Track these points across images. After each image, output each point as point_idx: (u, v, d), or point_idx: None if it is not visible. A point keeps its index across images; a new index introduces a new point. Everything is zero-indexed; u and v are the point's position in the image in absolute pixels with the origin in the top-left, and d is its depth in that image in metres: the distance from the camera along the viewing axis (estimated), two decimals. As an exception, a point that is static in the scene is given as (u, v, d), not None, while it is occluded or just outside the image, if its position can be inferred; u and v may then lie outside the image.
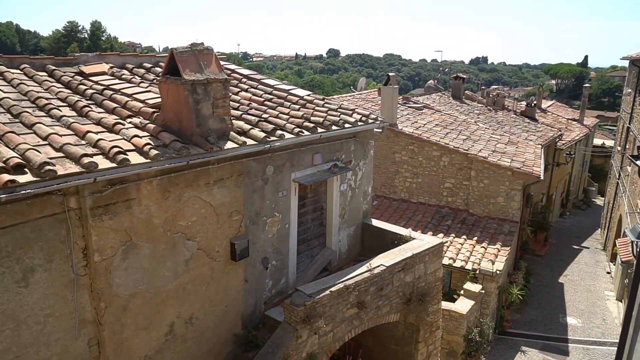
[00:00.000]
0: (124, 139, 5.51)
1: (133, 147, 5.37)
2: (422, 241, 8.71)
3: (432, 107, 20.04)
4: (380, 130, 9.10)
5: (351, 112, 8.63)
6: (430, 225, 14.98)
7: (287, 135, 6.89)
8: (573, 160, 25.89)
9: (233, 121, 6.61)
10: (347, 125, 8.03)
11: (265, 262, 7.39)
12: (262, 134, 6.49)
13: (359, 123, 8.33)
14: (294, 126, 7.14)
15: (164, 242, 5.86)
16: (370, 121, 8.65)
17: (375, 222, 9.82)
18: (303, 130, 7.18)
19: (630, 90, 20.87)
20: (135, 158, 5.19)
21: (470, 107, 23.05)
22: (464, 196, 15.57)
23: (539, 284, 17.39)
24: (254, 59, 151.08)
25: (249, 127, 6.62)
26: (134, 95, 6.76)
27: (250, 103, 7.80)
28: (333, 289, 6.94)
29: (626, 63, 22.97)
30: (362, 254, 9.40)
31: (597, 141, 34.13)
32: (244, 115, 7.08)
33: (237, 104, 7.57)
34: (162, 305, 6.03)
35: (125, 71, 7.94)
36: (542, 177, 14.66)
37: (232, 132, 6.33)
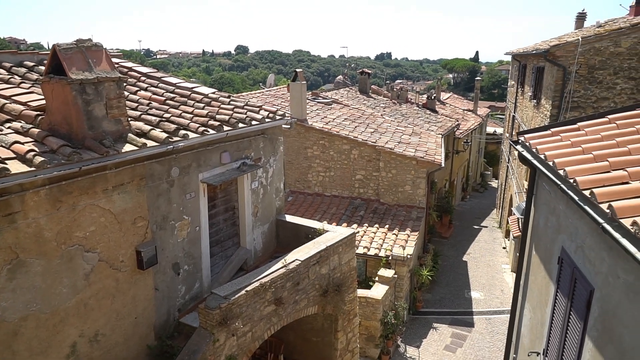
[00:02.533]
0: (1, 145, 4.95)
1: (14, 155, 4.84)
2: (335, 233, 8.92)
3: (341, 102, 20.57)
4: (289, 126, 9.13)
5: (258, 109, 8.56)
6: (344, 216, 15.41)
7: (192, 135, 6.66)
8: (470, 148, 28.16)
9: (131, 122, 6.24)
10: (254, 122, 7.95)
11: (177, 268, 7.10)
12: (164, 135, 6.20)
13: (267, 120, 8.29)
14: (198, 125, 6.91)
15: (58, 256, 5.37)
16: (278, 117, 8.65)
17: (290, 218, 9.87)
18: (208, 129, 6.98)
19: (513, 82, 23.11)
20: (16, 167, 4.68)
21: (377, 100, 24.02)
22: (374, 186, 16.22)
23: (446, 263, 18.71)
24: (158, 56, 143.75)
25: (149, 127, 6.29)
26: (13, 97, 6.10)
27: (150, 103, 7.40)
28: (249, 288, 6.86)
29: (510, 58, 25.39)
30: (278, 251, 9.40)
31: (490, 129, 37.42)
32: (143, 116, 6.70)
33: (136, 104, 7.15)
34: (61, 325, 5.54)
35: (2, 70, 7.13)
36: (443, 165, 15.73)
37: (130, 134, 5.96)
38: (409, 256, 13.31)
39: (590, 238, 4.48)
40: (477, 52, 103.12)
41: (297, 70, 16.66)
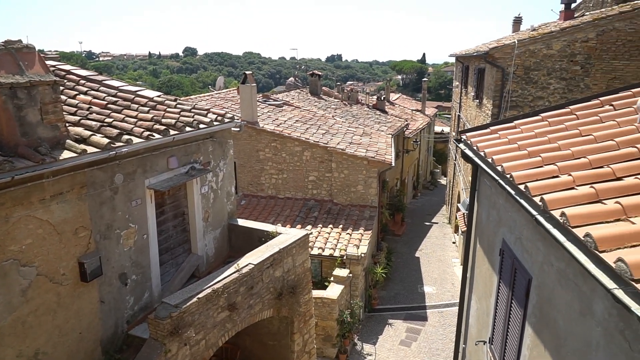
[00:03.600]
0: None
1: None
2: (289, 235, 8.92)
3: (292, 104, 20.58)
4: (239, 129, 9.03)
5: (206, 112, 8.41)
6: (298, 218, 15.42)
7: (136, 140, 6.44)
8: (419, 147, 28.98)
9: (70, 128, 5.95)
10: (202, 125, 7.80)
11: (124, 278, 6.84)
12: (106, 140, 5.95)
13: (215, 123, 8.16)
14: (143, 130, 6.70)
15: (-10, 272, 5.04)
16: (226, 120, 8.54)
17: (242, 222, 9.75)
18: (154, 134, 6.78)
19: (457, 83, 24.03)
20: (-61, 178, 4.35)
21: (328, 102, 24.22)
22: (327, 187, 16.34)
23: (400, 260, 19.15)
24: (101, 59, 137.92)
25: (90, 133, 6.02)
26: None
27: (90, 107, 7.08)
28: (201, 295, 6.73)
29: (454, 59, 26.37)
30: (231, 256, 9.27)
31: (438, 128, 38.69)
32: (83, 121, 6.41)
33: (75, 109, 6.81)
34: (-4, 346, 5.19)
35: None
36: (394, 164, 16.10)
37: (68, 140, 5.69)
38: (363, 255, 13.51)
39: (527, 230, 4.73)
40: (424, 54, 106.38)
41: (247, 72, 16.52)
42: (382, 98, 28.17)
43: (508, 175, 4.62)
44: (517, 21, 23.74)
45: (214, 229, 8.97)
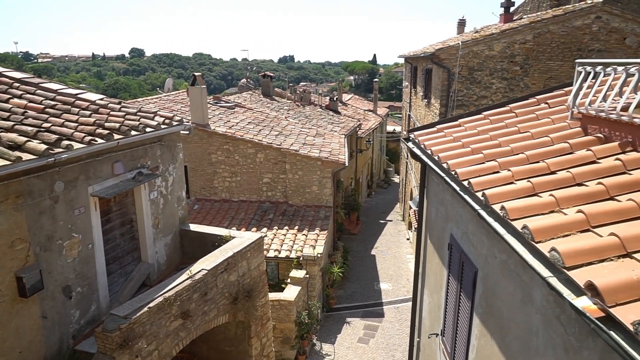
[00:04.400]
0: None
1: None
2: (243, 238, 8.80)
3: (244, 106, 20.36)
4: (188, 132, 8.82)
5: (153, 115, 8.15)
6: (253, 221, 15.27)
7: (77, 145, 6.14)
8: (372, 146, 29.45)
9: (2, 134, 5.59)
10: (148, 129, 7.56)
11: (68, 291, 6.50)
12: (43, 146, 5.64)
13: (163, 126, 7.93)
14: (84, 134, 6.40)
15: None
16: (175, 123, 8.32)
17: (194, 227, 9.54)
18: (96, 139, 6.49)
19: (407, 83, 24.64)
20: None
21: (280, 103, 24.15)
22: (282, 189, 16.29)
23: (356, 259, 19.39)
24: (40, 60, 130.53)
25: (25, 139, 5.68)
26: None
27: (25, 112, 6.68)
28: (152, 304, 6.51)
29: (403, 60, 27.01)
30: (184, 262, 9.04)
31: (390, 128, 39.50)
32: (17, 126, 6.03)
33: (8, 114, 6.41)
34: None
35: None
36: (347, 164, 16.28)
37: (1, 147, 5.34)
38: (319, 255, 13.56)
39: (472, 224, 4.92)
40: (374, 55, 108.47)
41: (196, 74, 16.17)
42: (335, 99, 28.43)
43: (453, 172, 4.78)
44: (462, 23, 24.68)
45: (164, 235, 8.71)
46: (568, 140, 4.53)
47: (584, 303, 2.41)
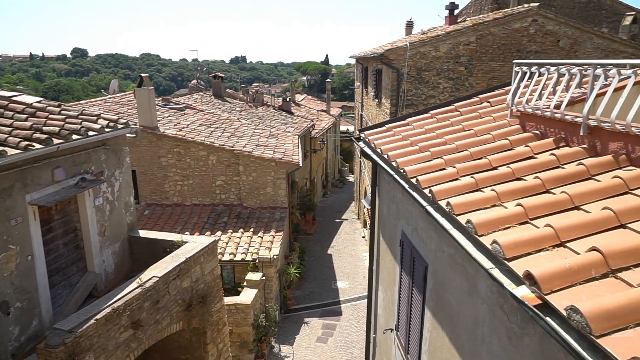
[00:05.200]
0: None
1: None
2: (196, 243, 8.60)
3: (195, 107, 19.91)
4: (135, 135, 8.51)
5: (96, 117, 7.81)
6: (207, 225, 14.96)
7: (11, 151, 5.78)
8: (326, 146, 29.64)
9: None
10: (91, 133, 7.23)
11: (5, 307, 6.10)
12: (-27, 153, 5.27)
13: (107, 129, 7.61)
14: (20, 139, 6.03)
15: None
16: (120, 126, 8.00)
17: (144, 233, 9.23)
18: (33, 144, 6.14)
19: (359, 83, 24.99)
20: None
21: (232, 104, 23.81)
22: (236, 191, 16.07)
23: (313, 259, 19.44)
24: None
25: (-48, 146, 5.28)
26: None
27: (-48, 116, 6.23)
28: (99, 316, 6.23)
29: (354, 61, 27.37)
30: (134, 270, 8.71)
31: (343, 128, 39.96)
32: (-58, 132, 5.61)
33: None
34: None
35: None
36: (301, 164, 16.30)
37: None
38: (275, 257, 13.48)
39: (421, 220, 5.06)
40: (327, 56, 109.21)
41: (143, 74, 15.64)
42: (288, 99, 28.38)
43: (402, 170, 4.89)
44: (410, 25, 25.33)
45: (112, 243, 8.36)
46: (508, 137, 4.75)
47: (522, 292, 2.53)
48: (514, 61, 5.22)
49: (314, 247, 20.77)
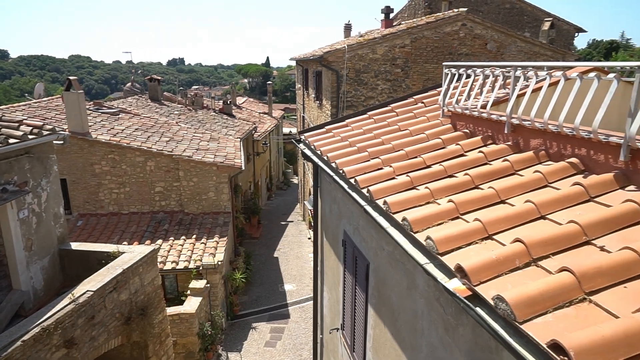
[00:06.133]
0: None
1: None
2: (133, 253, 8.24)
3: (130, 111, 19.07)
4: (62, 142, 8.01)
5: (18, 124, 7.27)
6: (147, 233, 14.38)
7: None
8: (269, 149, 29.49)
9: None
10: (12, 140, 6.72)
11: None
12: None
13: (30, 136, 7.11)
14: None
15: None
16: (45, 133, 7.50)
17: (77, 245, 8.70)
18: (-57, 154, 5.61)
19: (300, 85, 25.07)
20: None
21: (170, 108, 23.07)
22: (176, 197, 15.57)
23: (259, 263, 19.24)
24: None
25: None
26: None
27: None
28: (27, 336, 5.79)
29: (295, 63, 27.43)
30: (66, 285, 8.20)
31: (286, 130, 39.89)
32: None
33: None
34: None
35: None
36: (244, 168, 16.08)
37: None
38: (220, 263, 13.20)
39: (362, 219, 5.15)
40: (267, 58, 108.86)
41: (71, 77, 14.74)
42: (229, 102, 27.91)
43: (341, 171, 4.96)
44: (348, 28, 25.76)
45: (40, 258, 7.81)
46: (440, 136, 4.96)
47: (454, 285, 2.64)
48: (443, 63, 5.46)
49: (260, 251, 20.57)
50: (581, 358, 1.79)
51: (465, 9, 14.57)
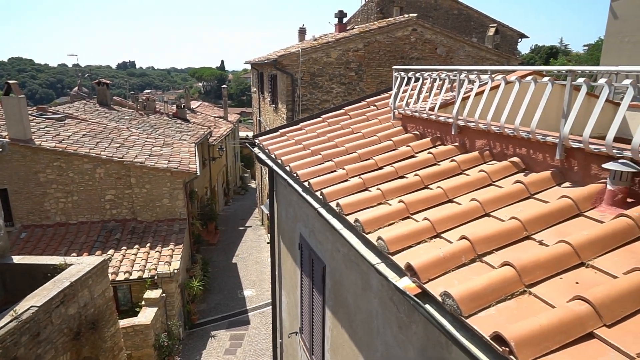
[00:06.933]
0: None
1: None
2: (82, 265, 7.88)
3: (77, 117, 18.27)
4: (1, 150, 7.56)
5: (-51, 132, 6.80)
6: (97, 244, 13.80)
7: None
8: (226, 153, 29.06)
9: None
10: (-57, 149, 6.28)
11: None
12: None
13: (-36, 145, 6.67)
14: None
15: None
16: (-19, 141, 7.05)
17: (20, 259, 8.24)
18: None
19: (255, 89, 24.91)
20: None
21: (121, 113, 22.30)
22: (128, 205, 15.04)
23: (217, 269, 18.89)
24: None
25: None
26: None
27: None
28: (-37, 359, 5.42)
29: (250, 66, 27.22)
30: (8, 301, 7.71)
31: (242, 134, 39.45)
32: None
33: None
34: None
35: None
36: (199, 173, 15.75)
37: None
38: (176, 271, 12.86)
39: (317, 222, 5.17)
40: (222, 61, 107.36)
41: (10, 81, 13.96)
42: (183, 106, 27.31)
43: (295, 175, 4.96)
44: (302, 31, 25.85)
45: (-22, 273, 7.33)
46: (392, 138, 5.06)
47: (405, 283, 2.70)
48: (393, 67, 5.58)
49: (217, 258, 20.22)
50: (521, 347, 1.87)
51: (416, 15, 14.99)
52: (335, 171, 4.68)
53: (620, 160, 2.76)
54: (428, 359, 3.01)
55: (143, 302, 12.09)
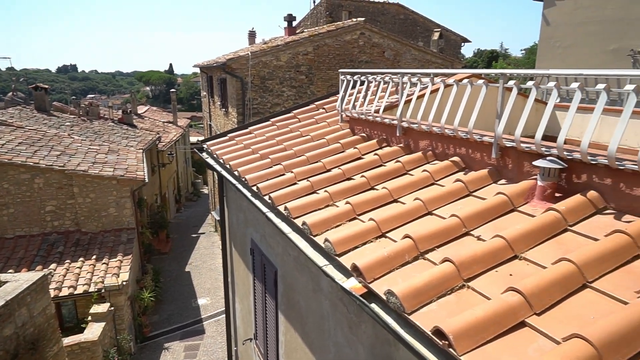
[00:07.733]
0: None
1: None
2: (18, 282, 7.41)
3: (12, 124, 17.17)
4: None
5: None
6: (38, 258, 13.01)
7: None
8: (176, 159, 28.31)
9: None
10: None
11: None
12: None
13: None
14: None
15: None
16: None
17: (-53, 278, 7.62)
18: None
19: (205, 93, 24.44)
20: None
21: (61, 119, 21.19)
22: (71, 216, 14.31)
23: (169, 279, 18.33)
24: None
25: None
26: None
27: None
28: None
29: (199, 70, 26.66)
30: None
31: (193, 138, 38.52)
32: None
33: None
34: None
35: None
36: (147, 180, 15.24)
37: None
38: (125, 283, 12.35)
39: (267, 227, 5.13)
40: (171, 65, 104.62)
41: None
42: (129, 111, 26.31)
43: (244, 179, 4.91)
44: (252, 35, 25.64)
45: None
46: (340, 140, 5.12)
47: (351, 284, 2.73)
48: (339, 70, 5.65)
49: (170, 267, 19.61)
50: (459, 340, 1.94)
51: (363, 19, 15.27)
52: (283, 174, 4.67)
53: (548, 158, 2.93)
54: (377, 357, 3.05)
55: (89, 318, 11.52)
